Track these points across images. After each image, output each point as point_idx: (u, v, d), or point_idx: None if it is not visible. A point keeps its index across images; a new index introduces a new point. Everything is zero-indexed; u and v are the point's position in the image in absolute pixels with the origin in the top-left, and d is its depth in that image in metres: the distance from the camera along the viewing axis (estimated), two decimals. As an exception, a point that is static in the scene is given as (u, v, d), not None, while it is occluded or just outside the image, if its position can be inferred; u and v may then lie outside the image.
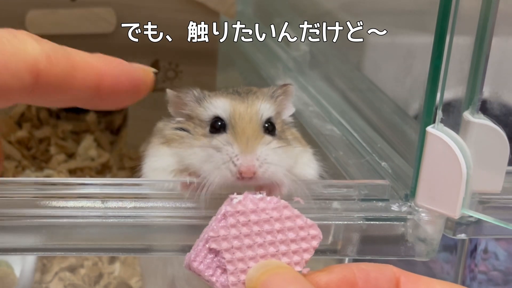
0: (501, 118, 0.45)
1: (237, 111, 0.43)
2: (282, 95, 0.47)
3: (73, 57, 0.29)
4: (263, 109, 0.44)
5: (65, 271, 0.64)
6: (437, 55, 0.43)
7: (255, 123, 0.43)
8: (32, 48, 0.27)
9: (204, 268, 0.32)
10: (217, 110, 0.44)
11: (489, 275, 0.66)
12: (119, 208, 0.43)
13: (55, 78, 0.28)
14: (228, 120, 0.43)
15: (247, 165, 0.40)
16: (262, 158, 0.40)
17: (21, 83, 0.27)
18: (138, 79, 0.33)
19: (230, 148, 0.41)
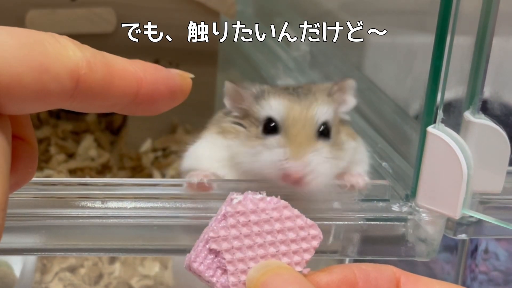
0: (502, 118, 0.45)
1: (292, 114, 0.43)
2: (339, 91, 0.47)
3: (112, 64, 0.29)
4: (319, 113, 0.43)
5: (65, 271, 0.64)
6: (438, 55, 0.43)
7: (309, 128, 0.42)
8: (74, 53, 0.27)
9: (205, 269, 0.32)
10: (271, 111, 0.43)
11: (489, 275, 0.66)
12: (119, 209, 0.43)
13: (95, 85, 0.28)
14: (282, 123, 0.42)
15: (296, 169, 0.40)
16: (312, 166, 0.41)
17: (61, 87, 0.27)
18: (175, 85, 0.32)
19: (282, 151, 0.41)
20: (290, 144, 0.41)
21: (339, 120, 0.46)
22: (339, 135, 0.45)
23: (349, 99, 0.48)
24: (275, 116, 0.43)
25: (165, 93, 0.32)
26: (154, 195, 0.44)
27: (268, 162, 0.41)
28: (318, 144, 0.42)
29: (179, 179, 0.47)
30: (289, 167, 0.40)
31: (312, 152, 0.41)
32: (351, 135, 0.47)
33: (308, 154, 0.41)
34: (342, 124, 0.46)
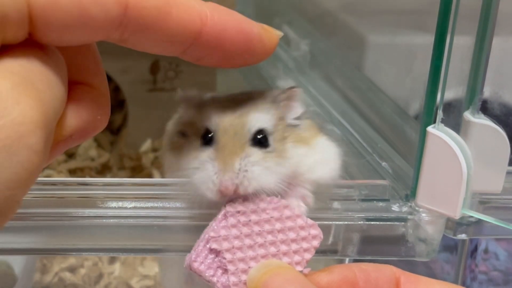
0: (502, 118, 0.45)
1: (222, 125, 0.40)
2: (285, 100, 0.45)
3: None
4: (254, 120, 0.41)
5: (65, 271, 0.64)
6: (438, 55, 0.43)
7: (240, 137, 0.40)
8: None
9: (205, 269, 0.32)
10: (207, 122, 0.41)
11: (489, 275, 0.66)
12: (119, 209, 0.43)
13: (147, 12, 0.25)
14: (216, 134, 0.40)
15: (225, 184, 0.38)
16: (242, 173, 0.38)
17: (107, 14, 0.25)
18: (251, 33, 0.29)
19: (211, 166, 0.38)
20: (219, 156, 0.38)
21: (286, 126, 0.44)
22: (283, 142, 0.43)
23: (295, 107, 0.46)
24: (210, 127, 0.40)
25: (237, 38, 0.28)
26: (154, 195, 0.44)
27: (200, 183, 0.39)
28: (248, 150, 0.40)
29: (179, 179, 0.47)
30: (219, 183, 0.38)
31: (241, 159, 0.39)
32: (303, 139, 0.45)
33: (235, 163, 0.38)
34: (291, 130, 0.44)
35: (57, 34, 0.25)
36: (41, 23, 0.24)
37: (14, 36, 0.24)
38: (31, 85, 0.23)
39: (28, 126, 0.23)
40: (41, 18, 0.24)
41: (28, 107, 0.23)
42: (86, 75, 0.28)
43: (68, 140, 0.27)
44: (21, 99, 0.23)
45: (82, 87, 0.28)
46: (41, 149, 0.23)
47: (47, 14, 0.24)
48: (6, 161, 0.22)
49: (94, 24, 0.25)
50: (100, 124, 0.28)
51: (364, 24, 0.76)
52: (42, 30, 0.25)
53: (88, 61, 0.28)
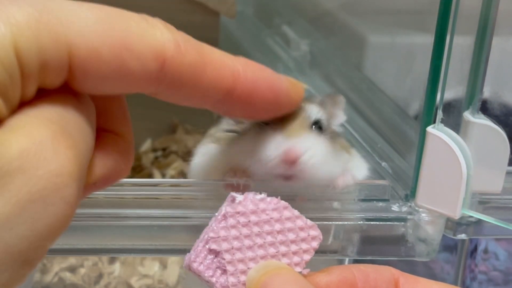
0: (501, 118, 0.45)
1: None
2: (330, 104, 0.46)
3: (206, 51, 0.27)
4: (311, 110, 0.42)
5: (65, 271, 0.64)
6: (437, 55, 0.43)
7: (303, 121, 0.41)
8: (161, 34, 0.26)
9: (204, 269, 0.32)
10: None
11: (489, 275, 0.66)
12: (119, 209, 0.43)
13: (183, 69, 0.26)
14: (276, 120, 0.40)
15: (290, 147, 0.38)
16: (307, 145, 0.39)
17: (144, 67, 0.25)
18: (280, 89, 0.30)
19: (278, 135, 0.39)
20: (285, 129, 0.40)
21: (332, 131, 0.46)
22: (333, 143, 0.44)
23: (339, 114, 0.47)
24: None
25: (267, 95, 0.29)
26: (154, 195, 0.44)
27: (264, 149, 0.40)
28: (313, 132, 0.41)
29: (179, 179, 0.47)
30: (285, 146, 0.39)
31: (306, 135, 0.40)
32: (345, 147, 0.46)
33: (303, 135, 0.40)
34: (336, 136, 0.46)
35: (94, 85, 0.25)
36: (80, 73, 0.25)
37: (52, 82, 0.24)
38: (68, 136, 0.24)
39: (65, 178, 0.23)
40: (81, 68, 0.24)
41: (66, 159, 0.23)
42: (113, 123, 0.28)
43: (92, 187, 0.27)
44: (60, 150, 0.23)
45: (109, 135, 0.28)
46: (75, 200, 0.23)
47: (87, 65, 0.24)
48: (40, 213, 0.22)
49: (132, 78, 0.25)
50: (123, 173, 0.29)
51: (364, 24, 0.76)
52: (80, 79, 0.25)
53: (116, 109, 0.29)
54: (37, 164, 0.22)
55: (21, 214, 0.22)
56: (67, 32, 0.24)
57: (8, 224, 0.22)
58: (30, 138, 0.22)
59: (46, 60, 0.23)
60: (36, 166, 0.22)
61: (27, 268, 0.23)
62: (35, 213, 0.22)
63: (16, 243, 0.22)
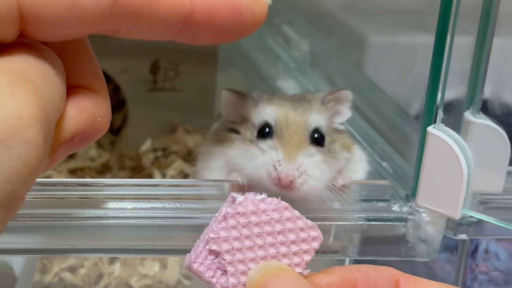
0: (502, 118, 0.45)
1: (285, 119, 0.43)
2: (333, 101, 0.47)
3: None
4: (313, 119, 0.44)
5: (65, 271, 0.64)
6: (438, 55, 0.43)
7: (302, 133, 0.43)
8: None
9: (205, 270, 0.32)
10: (266, 117, 0.44)
11: (490, 276, 0.66)
12: (119, 209, 0.43)
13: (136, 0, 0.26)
14: (276, 128, 0.43)
15: (287, 172, 0.40)
16: (302, 169, 0.41)
17: (97, 4, 0.25)
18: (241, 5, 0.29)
19: (274, 153, 0.41)
20: (283, 146, 0.41)
21: (334, 129, 0.46)
22: (334, 145, 0.45)
23: (344, 110, 0.48)
24: (269, 121, 0.43)
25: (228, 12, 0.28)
26: (154, 196, 0.44)
27: (261, 164, 0.42)
28: (310, 149, 0.43)
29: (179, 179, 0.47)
30: (281, 170, 0.40)
31: (304, 155, 0.42)
32: (346, 146, 0.47)
33: (299, 156, 0.41)
34: (337, 134, 0.46)
35: (49, 28, 0.25)
36: (32, 18, 0.24)
37: (5, 34, 0.24)
38: (27, 81, 0.23)
39: (25, 120, 0.23)
40: (32, 12, 0.24)
41: (25, 101, 0.23)
42: (84, 77, 0.28)
43: (70, 143, 0.27)
44: (18, 93, 0.23)
45: (81, 89, 0.28)
46: (40, 143, 0.23)
47: (37, 8, 0.24)
48: (4, 155, 0.22)
49: (86, 15, 0.25)
50: (101, 126, 0.28)
51: (365, 24, 0.76)
52: (33, 25, 0.25)
53: (85, 64, 0.28)
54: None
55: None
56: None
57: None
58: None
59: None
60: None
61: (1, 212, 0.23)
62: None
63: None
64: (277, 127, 0.43)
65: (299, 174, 0.40)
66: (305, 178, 0.41)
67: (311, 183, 0.41)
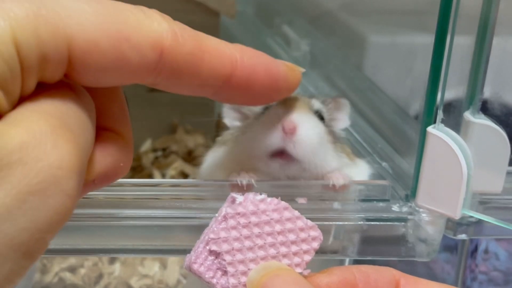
0: (502, 118, 0.45)
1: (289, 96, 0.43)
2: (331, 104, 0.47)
3: (204, 40, 0.28)
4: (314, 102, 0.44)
5: (65, 271, 0.64)
6: (438, 55, 0.43)
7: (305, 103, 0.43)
8: (158, 24, 0.26)
9: (205, 270, 0.32)
10: None
11: (489, 275, 0.66)
12: (119, 209, 0.43)
13: (181, 58, 0.26)
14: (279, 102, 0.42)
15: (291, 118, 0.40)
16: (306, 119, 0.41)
17: (143, 59, 0.26)
18: (278, 73, 0.30)
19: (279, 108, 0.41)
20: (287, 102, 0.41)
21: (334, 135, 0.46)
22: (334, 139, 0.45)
23: (343, 118, 0.48)
24: None
25: (265, 80, 0.30)
26: (154, 196, 0.44)
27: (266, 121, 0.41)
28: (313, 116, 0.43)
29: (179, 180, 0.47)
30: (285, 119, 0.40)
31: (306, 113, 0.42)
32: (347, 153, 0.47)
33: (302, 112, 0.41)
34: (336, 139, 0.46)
35: (94, 76, 0.26)
36: (80, 65, 0.25)
37: (51, 75, 0.25)
38: (68, 129, 0.24)
39: (65, 171, 0.23)
40: (80, 60, 0.25)
41: (66, 152, 0.23)
42: (112, 121, 0.29)
43: (90, 185, 0.27)
44: (59, 143, 0.23)
45: (109, 133, 0.28)
46: (75, 194, 0.24)
47: (86, 57, 0.25)
48: (40, 205, 0.22)
49: (130, 68, 0.26)
50: (122, 171, 0.29)
51: (364, 24, 0.76)
52: (79, 71, 0.25)
53: (115, 107, 0.29)
54: (36, 157, 0.22)
55: (21, 206, 0.22)
56: (65, 25, 0.24)
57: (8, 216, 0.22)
58: (30, 131, 0.23)
59: (45, 53, 0.24)
60: (36, 158, 0.22)
61: (28, 260, 0.23)
62: (35, 205, 0.22)
63: (16, 235, 0.22)
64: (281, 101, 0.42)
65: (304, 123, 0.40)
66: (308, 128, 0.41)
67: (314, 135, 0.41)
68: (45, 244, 0.23)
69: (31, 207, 0.22)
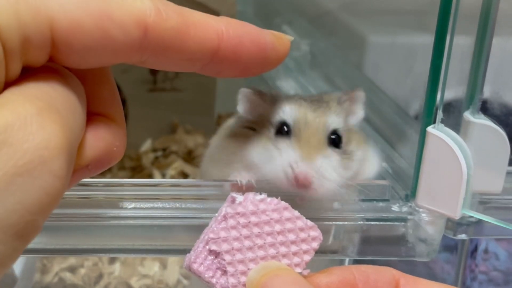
0: (502, 118, 0.45)
1: (304, 119, 0.43)
2: (348, 101, 0.47)
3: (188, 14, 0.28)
4: (332, 121, 0.44)
5: (65, 271, 0.64)
6: (438, 55, 0.43)
7: (321, 134, 0.43)
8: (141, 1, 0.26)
9: (204, 270, 0.32)
10: (285, 116, 0.44)
11: (489, 275, 0.66)
12: (119, 209, 0.43)
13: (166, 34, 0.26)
14: (294, 127, 0.43)
15: (305, 172, 0.40)
16: (320, 170, 0.40)
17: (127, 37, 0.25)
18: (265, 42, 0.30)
19: (292, 153, 0.41)
20: (302, 146, 0.41)
21: (349, 129, 0.46)
22: (349, 145, 0.45)
23: (358, 110, 0.48)
24: (288, 120, 0.43)
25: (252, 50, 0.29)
26: (154, 196, 0.44)
27: (278, 165, 0.41)
28: (328, 150, 0.42)
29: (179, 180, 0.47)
30: (299, 171, 0.40)
31: (322, 156, 0.41)
32: (360, 144, 0.47)
33: (318, 157, 0.41)
34: (352, 133, 0.46)
35: (79, 57, 0.25)
36: (63, 46, 0.25)
37: (36, 59, 0.25)
38: (55, 111, 0.24)
39: (52, 151, 0.23)
40: (64, 40, 0.24)
41: (52, 132, 0.23)
42: (103, 105, 0.28)
43: (84, 170, 0.27)
44: (46, 124, 0.23)
45: (99, 117, 0.28)
46: (64, 174, 0.23)
47: (69, 37, 0.24)
48: (28, 186, 0.22)
49: (115, 47, 0.26)
50: (116, 155, 0.29)
51: (364, 24, 0.76)
52: (64, 52, 0.25)
53: (105, 91, 0.29)
54: (22, 138, 0.22)
55: (8, 187, 0.22)
56: (46, 5, 0.24)
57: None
58: (14, 113, 0.23)
59: (27, 35, 0.24)
60: (22, 139, 0.22)
61: (19, 242, 0.23)
62: (22, 186, 0.22)
63: (5, 217, 0.22)
64: (295, 127, 0.42)
65: (317, 175, 0.40)
66: (323, 180, 0.40)
67: (328, 184, 0.41)
68: (37, 226, 0.23)
69: (19, 189, 0.22)
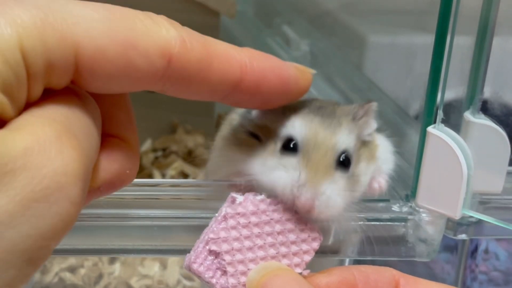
0: (502, 118, 0.45)
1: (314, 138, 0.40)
2: (364, 116, 0.44)
3: (212, 45, 0.27)
4: (343, 141, 0.41)
5: (65, 271, 0.64)
6: (438, 55, 0.43)
7: (330, 157, 0.40)
8: (166, 31, 0.26)
9: (204, 270, 0.32)
10: (293, 131, 0.40)
11: (489, 276, 0.66)
12: (119, 209, 0.43)
13: (189, 65, 0.26)
14: (302, 144, 0.40)
15: (306, 200, 0.38)
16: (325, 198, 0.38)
17: (151, 66, 0.25)
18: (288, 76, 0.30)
19: (297, 174, 0.38)
20: (308, 169, 0.38)
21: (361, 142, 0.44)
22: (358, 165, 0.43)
23: (371, 122, 0.46)
24: (297, 137, 0.40)
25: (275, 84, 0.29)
26: (154, 196, 0.44)
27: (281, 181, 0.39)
28: (335, 174, 0.40)
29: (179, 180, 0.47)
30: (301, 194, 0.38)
31: (328, 181, 0.39)
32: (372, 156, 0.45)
33: (323, 183, 0.38)
34: (364, 147, 0.45)
35: (101, 83, 0.26)
36: (87, 72, 0.25)
37: (58, 82, 0.25)
38: (73, 135, 0.24)
39: (69, 178, 0.23)
40: (87, 67, 0.25)
41: (70, 158, 0.23)
42: (118, 128, 0.28)
43: (96, 192, 0.27)
44: (64, 149, 0.23)
45: (114, 139, 0.28)
46: (79, 201, 0.23)
47: (93, 64, 0.25)
48: (44, 211, 0.22)
49: (138, 75, 0.26)
50: (128, 178, 0.29)
51: (364, 24, 0.76)
52: (86, 78, 0.25)
53: (122, 114, 0.29)
54: (41, 163, 0.22)
55: (25, 212, 0.22)
56: (73, 32, 0.24)
57: (11, 223, 0.22)
58: (34, 137, 0.22)
59: (52, 60, 0.24)
60: (40, 164, 0.22)
61: (31, 267, 0.23)
62: (38, 212, 0.22)
63: (20, 242, 0.22)
64: (304, 145, 0.40)
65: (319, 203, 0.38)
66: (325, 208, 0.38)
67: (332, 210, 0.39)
68: (48, 251, 0.23)
69: (35, 214, 0.22)
